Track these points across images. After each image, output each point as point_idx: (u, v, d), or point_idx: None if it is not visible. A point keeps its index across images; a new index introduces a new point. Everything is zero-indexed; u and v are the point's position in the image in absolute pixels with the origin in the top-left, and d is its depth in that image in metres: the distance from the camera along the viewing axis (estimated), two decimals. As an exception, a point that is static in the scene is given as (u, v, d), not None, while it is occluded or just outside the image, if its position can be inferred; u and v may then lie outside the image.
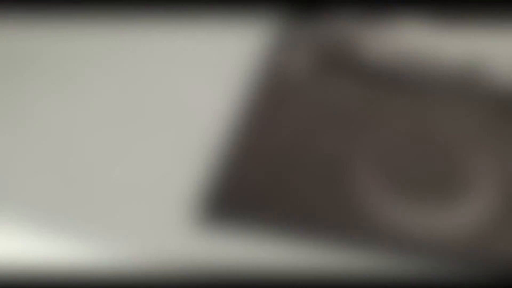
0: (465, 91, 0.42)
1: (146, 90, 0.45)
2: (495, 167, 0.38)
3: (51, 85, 0.45)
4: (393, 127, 0.41)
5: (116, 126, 0.43)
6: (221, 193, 0.38)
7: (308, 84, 0.44)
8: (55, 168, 0.41)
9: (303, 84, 0.44)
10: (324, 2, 0.48)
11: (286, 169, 0.39)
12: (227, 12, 0.48)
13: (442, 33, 0.46)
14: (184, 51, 0.47)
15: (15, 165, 0.40)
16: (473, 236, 0.36)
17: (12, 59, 0.48)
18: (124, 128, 0.43)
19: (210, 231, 0.37)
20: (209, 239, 0.37)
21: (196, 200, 0.38)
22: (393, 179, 0.38)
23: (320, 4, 0.48)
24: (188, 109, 0.44)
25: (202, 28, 0.48)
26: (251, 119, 0.42)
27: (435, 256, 0.35)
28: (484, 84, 0.42)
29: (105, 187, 0.40)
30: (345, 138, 0.41)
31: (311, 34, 0.46)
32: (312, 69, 0.44)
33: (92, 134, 0.42)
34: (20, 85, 0.46)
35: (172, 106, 0.44)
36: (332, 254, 0.36)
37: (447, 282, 0.35)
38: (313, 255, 0.36)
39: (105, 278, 0.35)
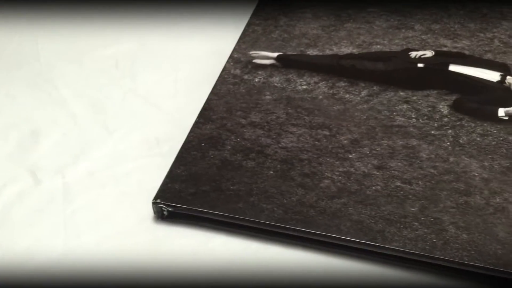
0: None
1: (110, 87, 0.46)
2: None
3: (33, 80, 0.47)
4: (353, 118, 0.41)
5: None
6: (176, 188, 0.38)
7: (271, 78, 0.43)
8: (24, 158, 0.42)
9: (266, 79, 0.43)
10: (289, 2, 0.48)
11: (246, 163, 0.39)
12: (199, 10, 0.49)
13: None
14: (152, 52, 0.48)
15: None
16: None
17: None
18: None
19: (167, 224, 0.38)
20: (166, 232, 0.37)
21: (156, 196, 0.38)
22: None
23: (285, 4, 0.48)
24: (153, 113, 0.44)
25: (176, 26, 0.49)
26: (214, 113, 0.41)
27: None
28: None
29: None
30: (306, 129, 0.40)
31: (275, 31, 0.46)
32: (273, 63, 0.44)
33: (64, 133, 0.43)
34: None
35: (135, 111, 0.44)
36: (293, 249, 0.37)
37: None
38: (267, 249, 0.37)
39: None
